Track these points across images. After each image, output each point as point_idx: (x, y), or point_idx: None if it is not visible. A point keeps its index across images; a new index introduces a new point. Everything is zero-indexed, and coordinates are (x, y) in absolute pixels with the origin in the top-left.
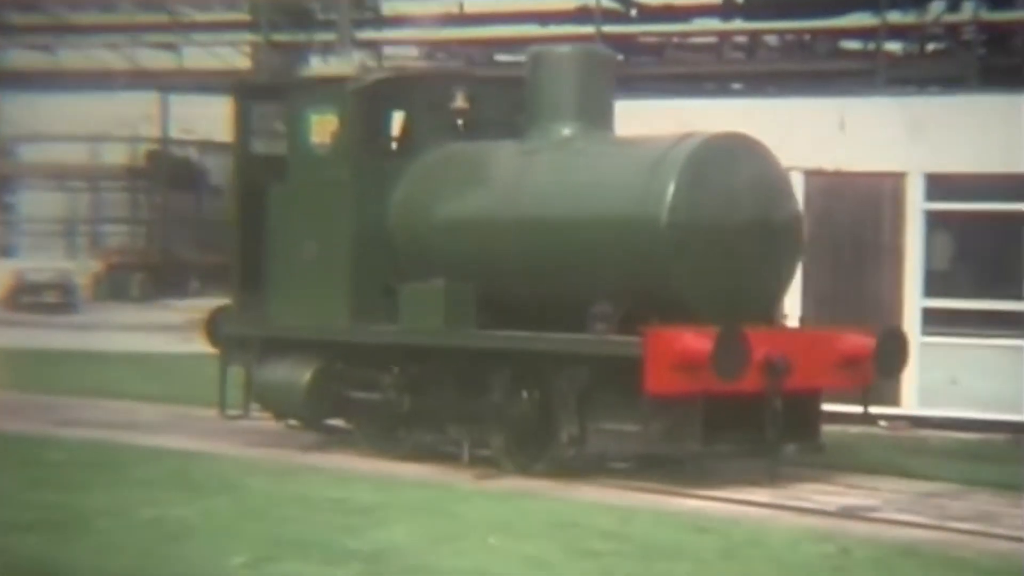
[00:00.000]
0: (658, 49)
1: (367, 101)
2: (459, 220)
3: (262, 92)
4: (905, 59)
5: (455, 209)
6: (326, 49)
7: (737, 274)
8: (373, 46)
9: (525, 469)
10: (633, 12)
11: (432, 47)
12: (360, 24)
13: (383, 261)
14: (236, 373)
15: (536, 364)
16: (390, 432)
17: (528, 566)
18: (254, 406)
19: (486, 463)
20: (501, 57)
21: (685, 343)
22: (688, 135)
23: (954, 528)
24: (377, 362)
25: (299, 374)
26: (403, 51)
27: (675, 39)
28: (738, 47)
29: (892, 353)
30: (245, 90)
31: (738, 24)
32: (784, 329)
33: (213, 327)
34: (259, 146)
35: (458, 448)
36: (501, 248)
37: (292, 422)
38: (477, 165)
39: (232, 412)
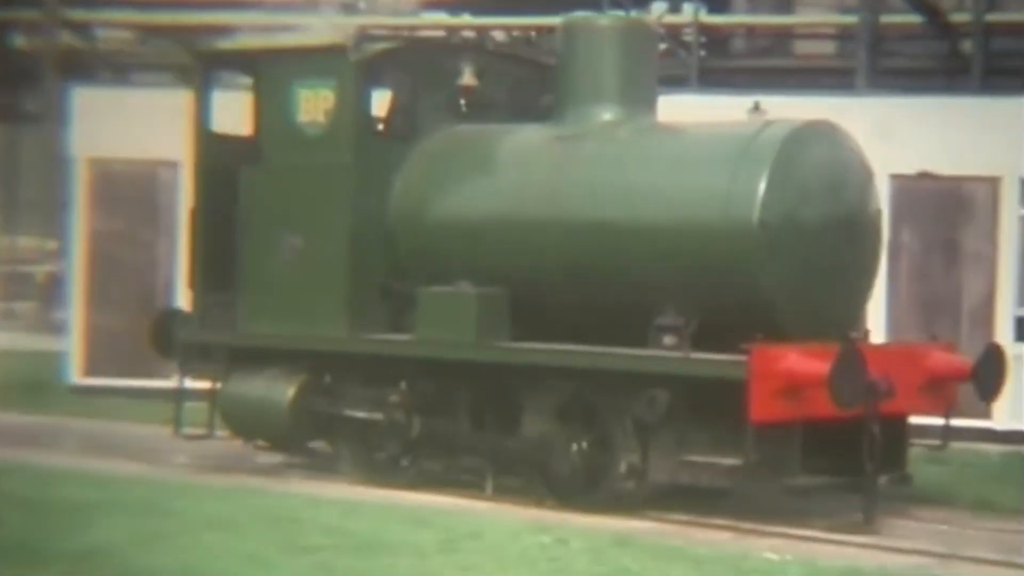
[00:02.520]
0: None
1: (372, 74)
2: (481, 215)
3: (229, 61)
4: None
5: (474, 202)
6: (32, 28)
7: (830, 281)
8: (84, 28)
9: (571, 503)
10: (363, 4)
11: (147, 31)
12: (70, 3)
13: (382, 258)
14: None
15: (597, 384)
16: (389, 457)
17: (244, 563)
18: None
19: (516, 494)
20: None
21: (791, 364)
22: (769, 123)
23: (670, 519)
24: (378, 376)
25: (280, 390)
26: (116, 34)
27: (405, 32)
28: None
29: (994, 373)
30: (207, 59)
31: (466, 19)
32: (881, 346)
33: (163, 333)
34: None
35: (476, 477)
36: (537, 250)
37: (260, 443)
38: (498, 152)
39: (190, 432)
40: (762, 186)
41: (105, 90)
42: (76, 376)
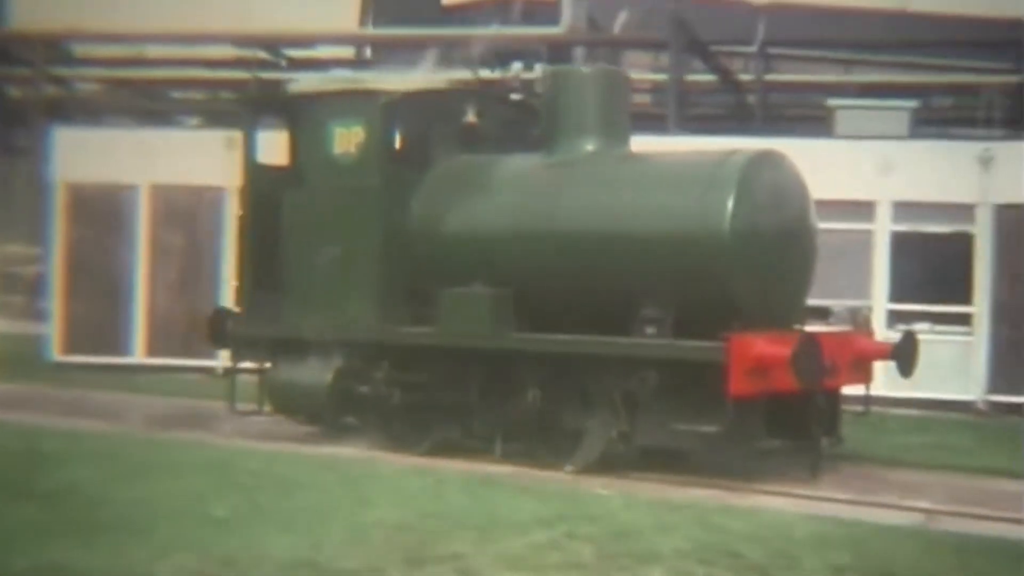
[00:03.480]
0: None
1: (395, 114)
2: (489, 228)
3: (269, 105)
4: None
5: (482, 218)
6: (23, 82)
7: (783, 280)
8: (64, 81)
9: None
10: (284, 63)
11: (116, 85)
12: (54, 63)
13: (406, 265)
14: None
15: (592, 367)
16: (410, 428)
17: (187, 498)
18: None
19: (523, 458)
20: (176, 95)
21: (761, 348)
22: (732, 151)
23: (531, 464)
24: (402, 363)
25: (320, 374)
26: (89, 86)
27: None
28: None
29: (910, 353)
30: (253, 104)
31: (369, 75)
32: (825, 333)
33: (218, 328)
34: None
35: (485, 444)
36: (538, 257)
37: (302, 418)
38: (499, 176)
39: (244, 407)
40: (731, 202)
41: (80, 130)
42: (56, 354)
